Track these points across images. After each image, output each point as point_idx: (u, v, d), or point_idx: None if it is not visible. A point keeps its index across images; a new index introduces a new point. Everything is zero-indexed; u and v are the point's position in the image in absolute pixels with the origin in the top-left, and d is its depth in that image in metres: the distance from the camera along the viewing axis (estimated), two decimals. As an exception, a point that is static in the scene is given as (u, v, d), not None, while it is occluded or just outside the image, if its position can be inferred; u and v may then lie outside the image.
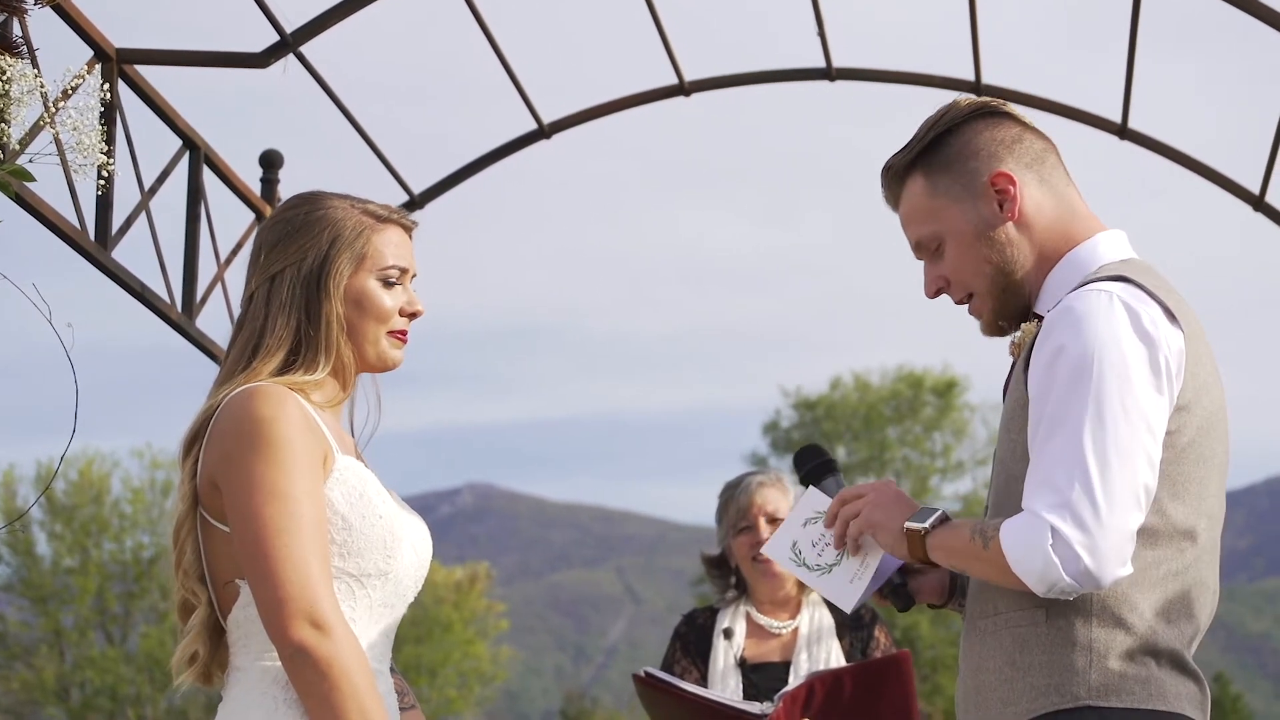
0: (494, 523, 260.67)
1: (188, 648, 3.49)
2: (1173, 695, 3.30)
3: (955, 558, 3.38)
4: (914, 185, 3.57)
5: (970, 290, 3.56)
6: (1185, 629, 3.35)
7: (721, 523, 5.94)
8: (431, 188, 8.33)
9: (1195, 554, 3.35)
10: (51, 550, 52.41)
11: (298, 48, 6.79)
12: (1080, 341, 3.26)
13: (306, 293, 3.52)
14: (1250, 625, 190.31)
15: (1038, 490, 3.24)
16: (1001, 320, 3.57)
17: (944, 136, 3.56)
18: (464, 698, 56.43)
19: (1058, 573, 3.19)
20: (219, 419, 3.41)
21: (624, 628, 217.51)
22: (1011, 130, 3.55)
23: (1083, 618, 3.29)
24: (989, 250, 3.51)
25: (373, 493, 3.47)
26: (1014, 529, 3.24)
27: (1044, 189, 3.53)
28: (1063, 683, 3.29)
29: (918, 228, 3.58)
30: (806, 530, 3.68)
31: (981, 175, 3.50)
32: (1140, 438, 3.24)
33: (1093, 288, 3.33)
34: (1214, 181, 8.42)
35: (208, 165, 7.10)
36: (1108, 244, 3.51)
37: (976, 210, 3.50)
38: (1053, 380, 3.28)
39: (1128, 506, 3.21)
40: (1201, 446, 3.36)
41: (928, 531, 3.42)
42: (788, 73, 8.39)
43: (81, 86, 5.08)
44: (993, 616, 3.41)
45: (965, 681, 3.49)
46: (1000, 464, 3.46)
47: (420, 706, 3.77)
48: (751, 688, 5.67)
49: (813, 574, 3.66)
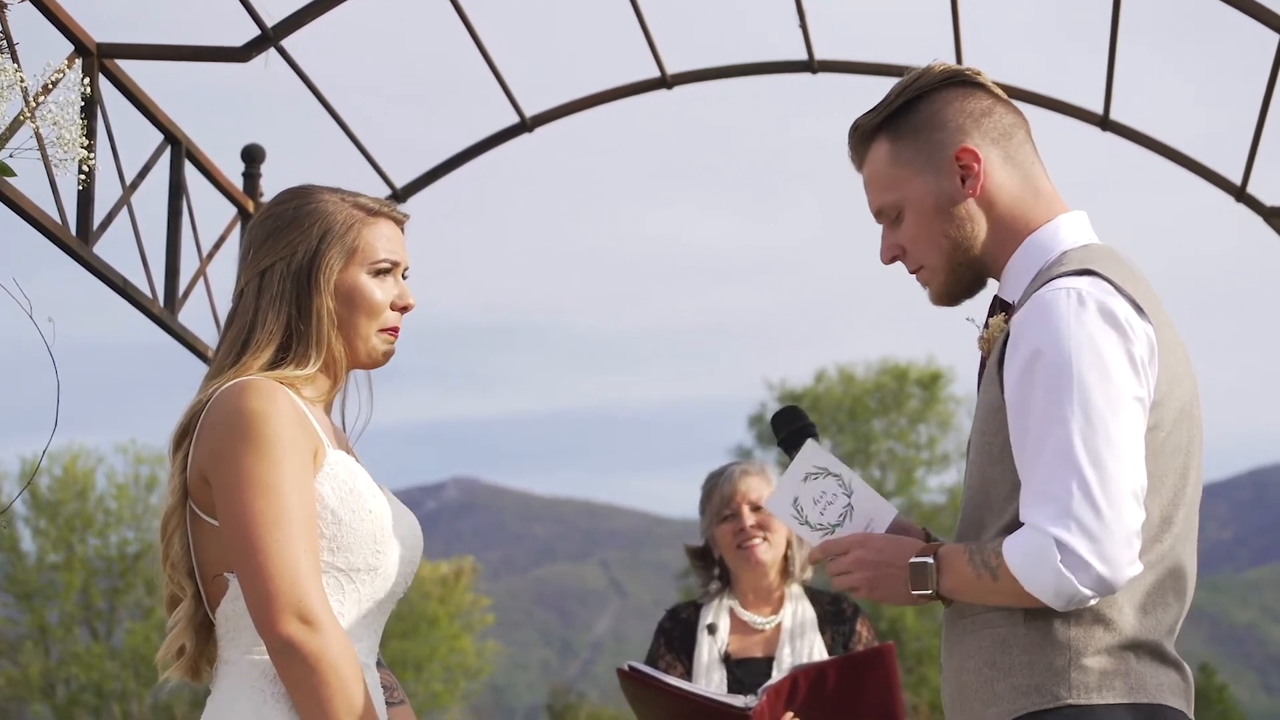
0: (479, 517, 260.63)
1: (174, 641, 3.49)
2: (1154, 686, 3.29)
3: (967, 594, 3.34)
4: (879, 149, 3.54)
5: (923, 263, 3.52)
6: (1164, 618, 3.34)
7: (705, 512, 5.95)
8: (414, 181, 8.31)
9: (1171, 543, 3.33)
10: (36, 546, 52.38)
11: (279, 42, 6.77)
12: (1055, 344, 3.22)
13: (297, 287, 3.51)
14: (1235, 616, 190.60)
15: (1036, 503, 3.20)
16: (953, 293, 3.54)
17: (914, 102, 3.51)
18: (450, 692, 56.45)
19: (1073, 586, 3.15)
20: (209, 413, 3.40)
21: (609, 622, 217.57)
22: (983, 102, 3.51)
23: (1061, 617, 3.27)
24: (947, 224, 3.47)
25: (363, 487, 3.46)
26: (1019, 550, 3.20)
27: (1009, 166, 3.49)
28: (1044, 683, 3.27)
29: (879, 194, 3.54)
30: (808, 486, 3.61)
31: (947, 148, 3.47)
32: (1130, 434, 3.21)
33: (1060, 285, 3.29)
34: (1196, 172, 8.42)
35: (189, 160, 7.09)
36: (1069, 227, 3.47)
37: (939, 183, 3.47)
38: (1032, 387, 3.24)
39: (1129, 505, 3.18)
40: (1177, 437, 3.34)
41: (937, 595, 3.37)
42: (770, 65, 8.38)
43: (62, 81, 5.08)
44: (971, 617, 3.39)
45: (948, 682, 3.47)
46: (975, 465, 3.42)
47: (409, 701, 3.76)
48: (736, 682, 5.67)
49: (816, 533, 3.59)
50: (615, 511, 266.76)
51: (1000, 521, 3.33)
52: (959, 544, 3.38)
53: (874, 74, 8.24)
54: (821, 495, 3.61)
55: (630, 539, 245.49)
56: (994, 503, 3.35)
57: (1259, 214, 8.44)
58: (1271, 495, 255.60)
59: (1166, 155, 8.38)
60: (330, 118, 7.62)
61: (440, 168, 8.33)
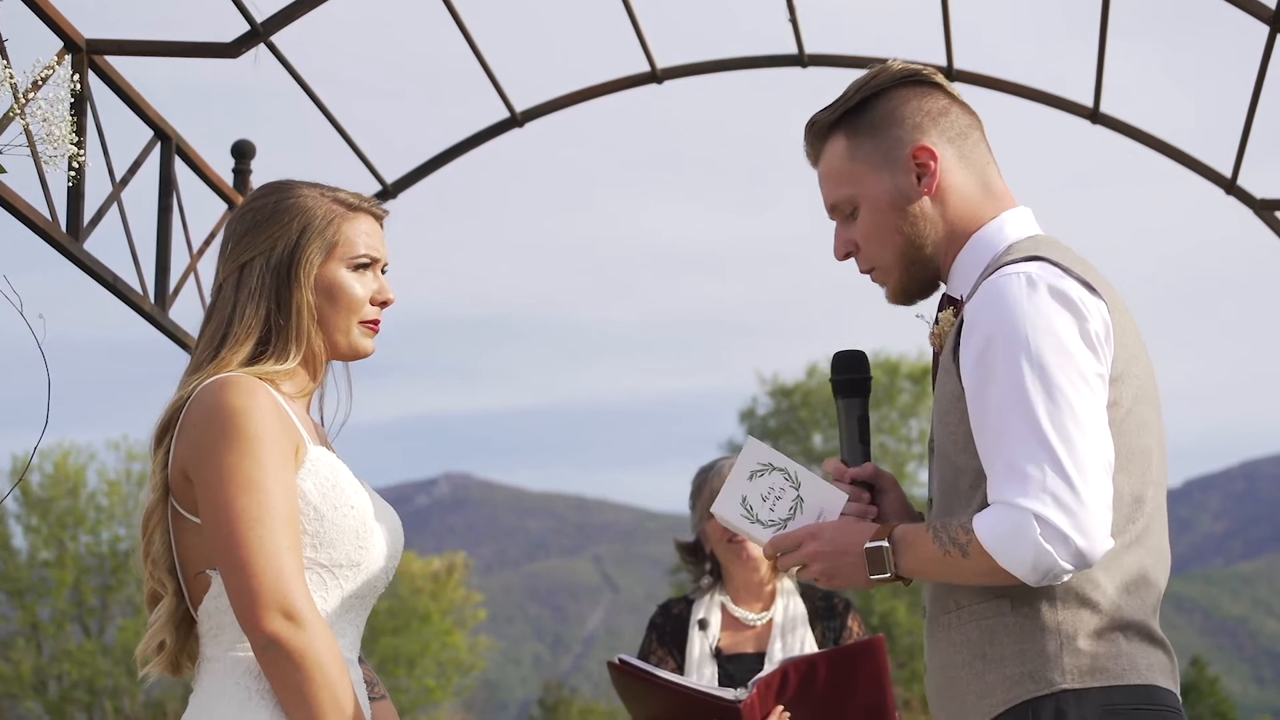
0: (471, 513, 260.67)
1: (154, 637, 3.50)
2: (1144, 667, 3.30)
3: (933, 573, 3.34)
4: (835, 145, 3.54)
5: (876, 262, 3.53)
6: (1147, 598, 3.34)
7: (695, 507, 5.95)
8: (404, 177, 8.31)
9: (1145, 522, 3.34)
10: (27, 543, 52.33)
11: (268, 37, 6.77)
12: (1008, 327, 3.23)
13: (276, 282, 3.51)
14: (1227, 608, 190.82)
15: (1006, 480, 3.19)
16: (908, 291, 3.54)
17: (871, 99, 3.52)
18: (442, 688, 56.43)
19: (1051, 559, 3.15)
20: (190, 410, 3.40)
21: (602, 616, 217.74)
22: (939, 102, 3.52)
23: (1049, 602, 3.27)
24: (901, 221, 3.48)
25: (345, 483, 3.47)
26: (992, 525, 3.20)
27: (963, 165, 3.50)
28: (1036, 670, 3.27)
29: (834, 190, 3.55)
30: (754, 484, 3.58)
31: (904, 145, 3.47)
32: (1093, 408, 3.22)
33: (1008, 271, 3.30)
34: (1186, 165, 8.43)
35: (179, 156, 7.08)
36: (1014, 223, 3.48)
37: (894, 181, 3.47)
38: (990, 371, 3.24)
39: (1100, 477, 3.19)
40: (1140, 415, 3.34)
41: (897, 576, 3.37)
42: (760, 59, 8.39)
43: (51, 77, 5.07)
44: (955, 611, 3.39)
45: (934, 678, 3.47)
46: (943, 457, 3.41)
47: (392, 697, 3.76)
48: (727, 677, 5.68)
49: (767, 530, 3.55)
50: (607, 506, 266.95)
51: (969, 509, 3.33)
52: (919, 524, 3.38)
53: (864, 67, 8.20)
54: (769, 491, 3.58)
55: (622, 534, 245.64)
56: (962, 492, 3.35)
57: (1249, 206, 8.45)
58: (1263, 488, 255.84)
59: (1157, 148, 8.39)
60: (320, 113, 7.62)
61: (431, 163, 8.33)
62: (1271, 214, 8.44)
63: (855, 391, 3.68)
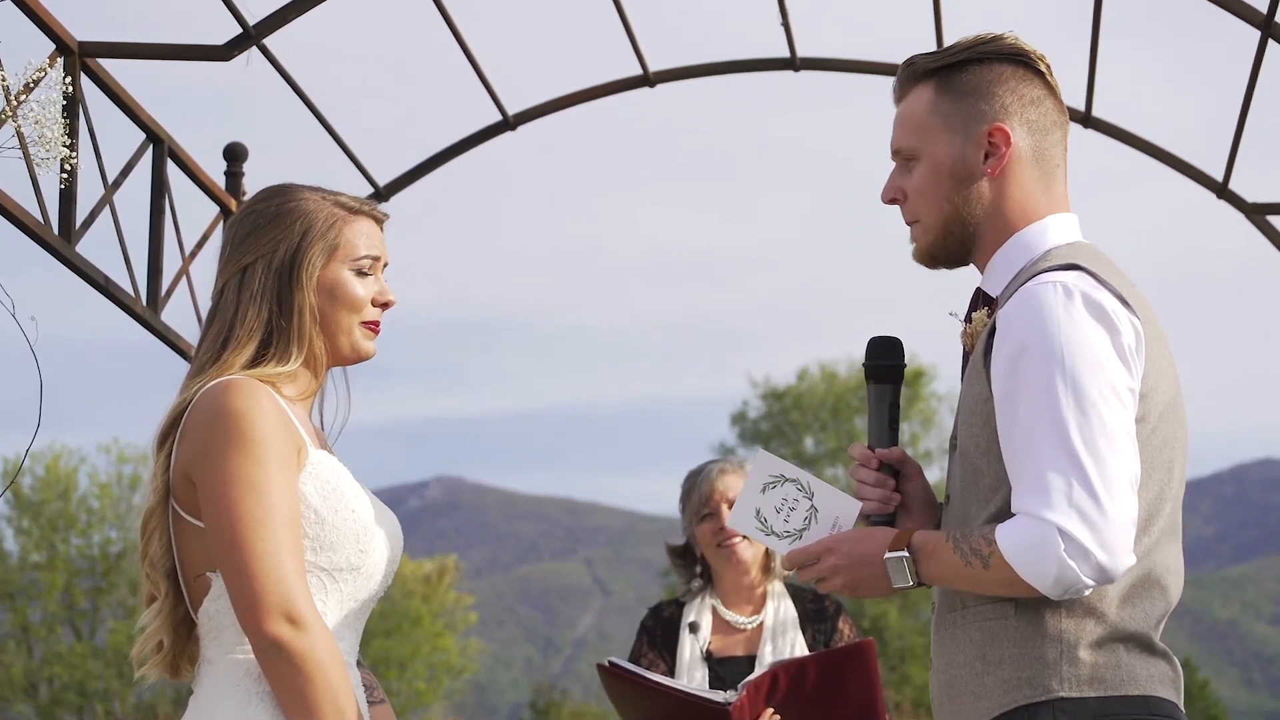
0: (462, 516, 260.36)
1: (151, 637, 3.51)
2: (1144, 678, 3.30)
3: (953, 581, 3.35)
4: (922, 93, 3.53)
5: (919, 217, 3.53)
6: (1152, 611, 3.34)
7: (685, 511, 5.95)
8: (397, 179, 8.31)
9: (1157, 535, 3.33)
10: (18, 546, 52.32)
11: (261, 40, 6.77)
12: (1043, 337, 3.23)
13: (278, 284, 3.52)
14: (1217, 612, 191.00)
15: (1033, 492, 3.19)
16: (935, 256, 3.54)
17: (973, 64, 3.50)
18: (433, 690, 56.42)
19: (1074, 574, 3.15)
20: (193, 413, 3.41)
21: (593, 619, 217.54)
22: (1035, 90, 3.50)
23: (1052, 609, 3.27)
24: (955, 192, 3.47)
25: (346, 486, 3.48)
26: (1016, 537, 3.20)
27: (1034, 159, 3.49)
28: (1035, 675, 3.28)
29: (904, 135, 3.54)
30: (767, 496, 3.59)
31: (984, 120, 3.46)
32: (1123, 422, 3.22)
33: (1046, 279, 3.29)
34: (1178, 169, 8.44)
35: (171, 159, 7.08)
36: (1057, 227, 3.47)
37: (963, 150, 3.47)
38: (1021, 380, 3.24)
39: (1126, 494, 3.19)
40: (1164, 430, 3.34)
41: (919, 584, 3.38)
42: (752, 63, 8.40)
43: (44, 80, 5.08)
44: (961, 610, 3.39)
45: (937, 676, 3.47)
46: (963, 456, 3.42)
47: (389, 700, 3.76)
48: (717, 680, 5.67)
49: (783, 541, 3.56)
50: (598, 509, 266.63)
51: (985, 513, 3.33)
52: (939, 532, 3.38)
53: (856, 71, 8.26)
54: (783, 503, 3.58)
55: (613, 537, 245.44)
56: (980, 495, 3.35)
57: (1241, 210, 8.46)
58: (1254, 492, 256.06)
59: (1148, 152, 8.40)
60: (312, 116, 7.62)
61: (423, 166, 8.33)
62: (1263, 218, 8.45)
63: (888, 378, 3.67)
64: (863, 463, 3.61)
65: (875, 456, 3.60)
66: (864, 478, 3.60)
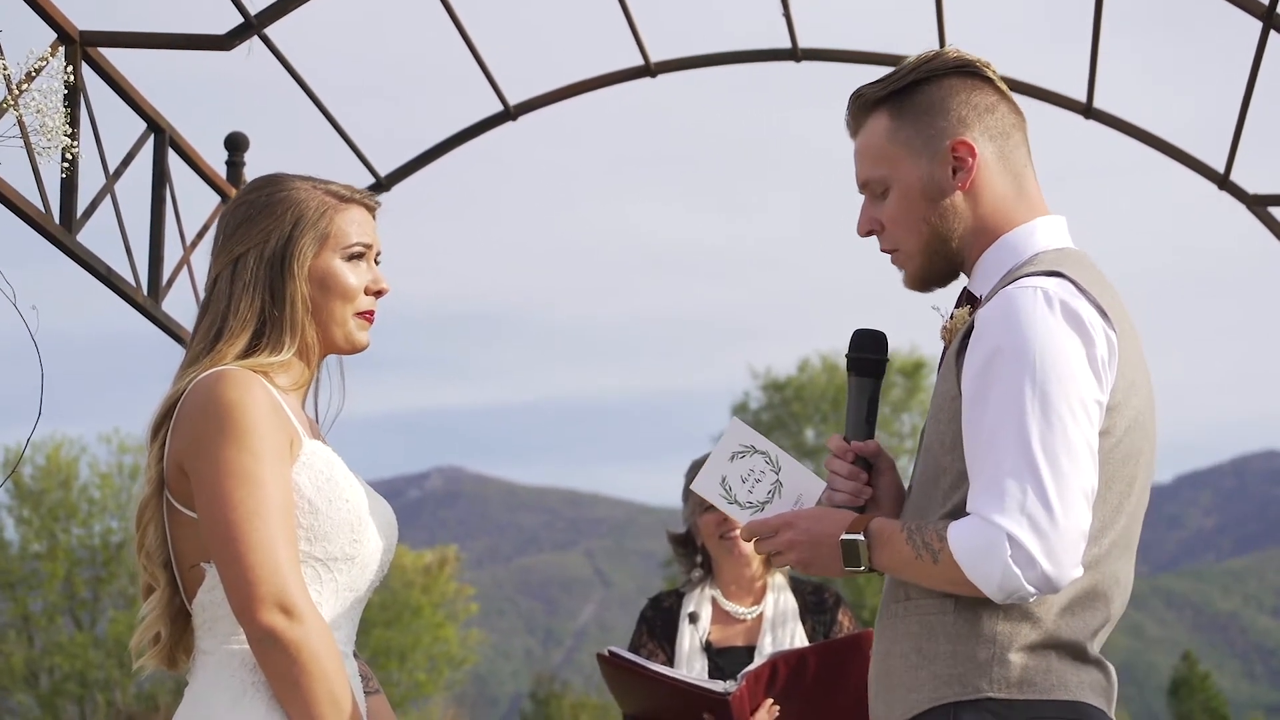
0: (463, 506, 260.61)
1: (148, 629, 3.50)
2: (1074, 685, 3.29)
3: (902, 571, 3.34)
4: (877, 123, 3.51)
5: (899, 246, 3.51)
6: (1090, 621, 3.33)
7: (687, 501, 5.96)
8: (398, 170, 8.31)
9: (1107, 547, 3.32)
10: (19, 536, 52.34)
11: (262, 30, 6.77)
12: (1018, 341, 3.22)
13: (270, 274, 3.52)
14: (1218, 604, 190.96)
15: (987, 495, 3.19)
16: (926, 280, 3.53)
17: (921, 83, 3.49)
18: (433, 681, 56.45)
19: (1017, 581, 3.14)
20: (185, 403, 3.40)
21: (593, 611, 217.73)
22: (988, 98, 3.50)
23: (990, 610, 3.27)
24: (930, 212, 3.46)
25: (340, 476, 3.47)
26: (966, 538, 3.19)
27: (1001, 165, 3.48)
28: (965, 674, 3.28)
29: (869, 167, 3.52)
30: (735, 465, 3.59)
31: (945, 137, 3.45)
32: (1086, 436, 3.21)
33: (1027, 284, 3.28)
34: (1179, 161, 8.44)
35: (173, 148, 7.08)
36: (1045, 231, 3.47)
37: (930, 170, 3.45)
38: (990, 381, 3.23)
39: (1080, 507, 3.18)
40: (1128, 444, 3.33)
41: (870, 569, 3.37)
42: (753, 53, 8.39)
43: (45, 69, 5.08)
44: (904, 601, 3.39)
45: (876, 664, 3.48)
46: (927, 452, 3.41)
47: (385, 691, 3.76)
48: (717, 671, 5.68)
49: (745, 511, 3.57)
50: (599, 501, 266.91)
51: (943, 509, 3.33)
52: (895, 521, 3.38)
53: (858, 62, 8.25)
54: (750, 473, 3.59)
55: (614, 528, 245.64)
56: (940, 490, 3.35)
57: (1242, 202, 8.45)
58: (1254, 484, 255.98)
59: (1150, 143, 8.39)
60: (314, 105, 7.62)
61: (424, 156, 8.33)
62: (1264, 209, 8.45)
63: (869, 371, 3.66)
64: (838, 454, 3.60)
65: (850, 449, 3.59)
66: (838, 469, 3.59)
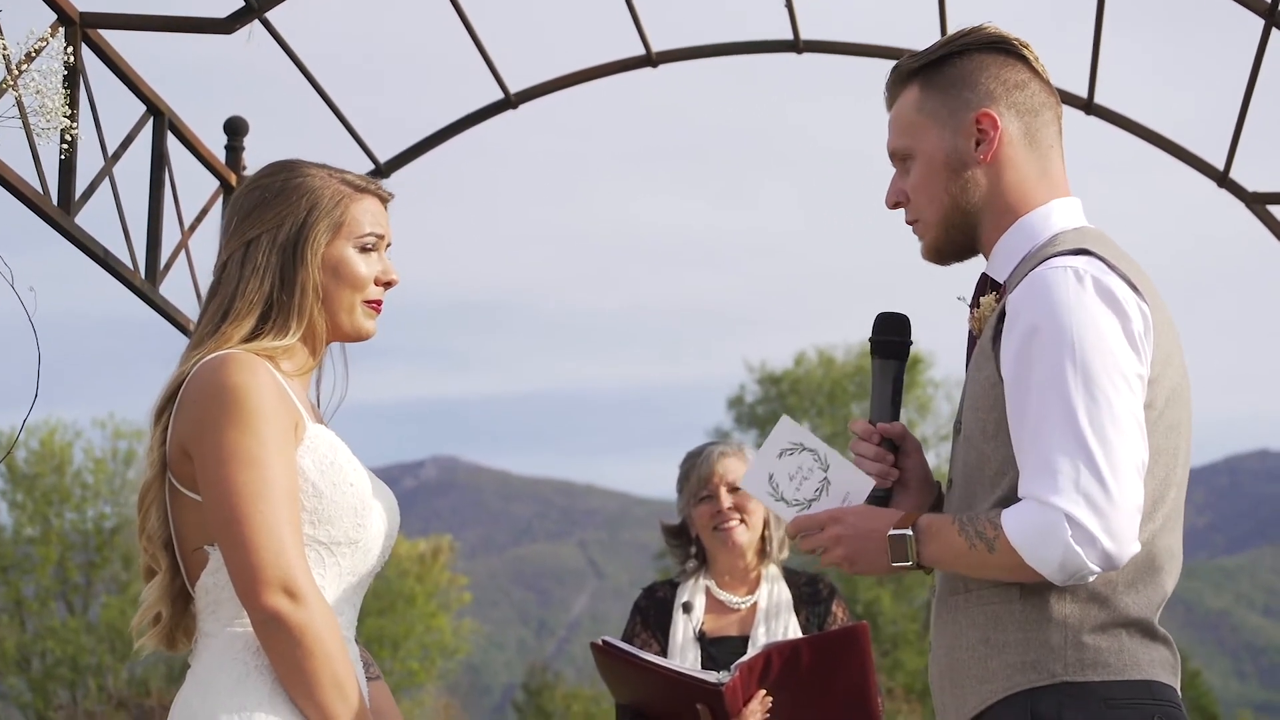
0: (457, 496, 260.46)
1: (149, 610, 3.51)
2: (1145, 663, 3.30)
3: (956, 564, 3.34)
4: (909, 94, 3.56)
5: (921, 216, 3.54)
6: (1153, 596, 3.34)
7: (682, 492, 5.95)
8: (398, 156, 8.31)
9: (1162, 521, 3.33)
10: (12, 520, 52.27)
11: (263, 14, 6.76)
12: (1054, 320, 3.23)
13: (282, 259, 3.53)
14: (1210, 602, 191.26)
15: (1039, 476, 3.19)
16: (942, 251, 3.55)
17: (954, 57, 3.52)
18: (426, 670, 56.42)
19: (1080, 560, 3.14)
20: (190, 386, 3.41)
21: (587, 602, 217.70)
22: (1020, 74, 3.52)
23: (1057, 594, 3.27)
24: (951, 183, 3.48)
25: (344, 460, 3.48)
26: (1022, 522, 3.19)
27: (1026, 142, 3.49)
28: (1039, 660, 3.28)
29: (897, 137, 3.57)
30: (783, 462, 3.59)
31: (970, 109, 3.47)
32: (1132, 409, 3.21)
33: (1055, 263, 3.29)
34: (1179, 158, 8.44)
35: (172, 131, 7.07)
36: (1061, 212, 3.48)
37: (954, 141, 3.48)
38: (1031, 364, 3.24)
39: (1134, 481, 3.18)
40: (1170, 416, 3.34)
41: (918, 565, 3.37)
42: (755, 44, 8.39)
43: (45, 50, 5.07)
44: (964, 593, 3.38)
45: (939, 660, 3.46)
46: (967, 441, 3.41)
47: (383, 677, 3.77)
48: (710, 661, 5.67)
49: (791, 509, 3.57)
50: (593, 492, 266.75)
51: (992, 497, 3.33)
52: (944, 514, 3.37)
53: (859, 54, 8.25)
54: (797, 470, 3.59)
55: (608, 519, 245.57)
56: (986, 478, 3.35)
57: (1241, 200, 8.46)
58: (1247, 482, 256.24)
59: (1150, 140, 8.40)
60: (314, 90, 7.62)
61: (424, 143, 8.33)
62: (1263, 207, 8.45)
63: (893, 353, 3.67)
64: (863, 437, 3.61)
65: (876, 431, 3.60)
66: (864, 451, 3.60)
